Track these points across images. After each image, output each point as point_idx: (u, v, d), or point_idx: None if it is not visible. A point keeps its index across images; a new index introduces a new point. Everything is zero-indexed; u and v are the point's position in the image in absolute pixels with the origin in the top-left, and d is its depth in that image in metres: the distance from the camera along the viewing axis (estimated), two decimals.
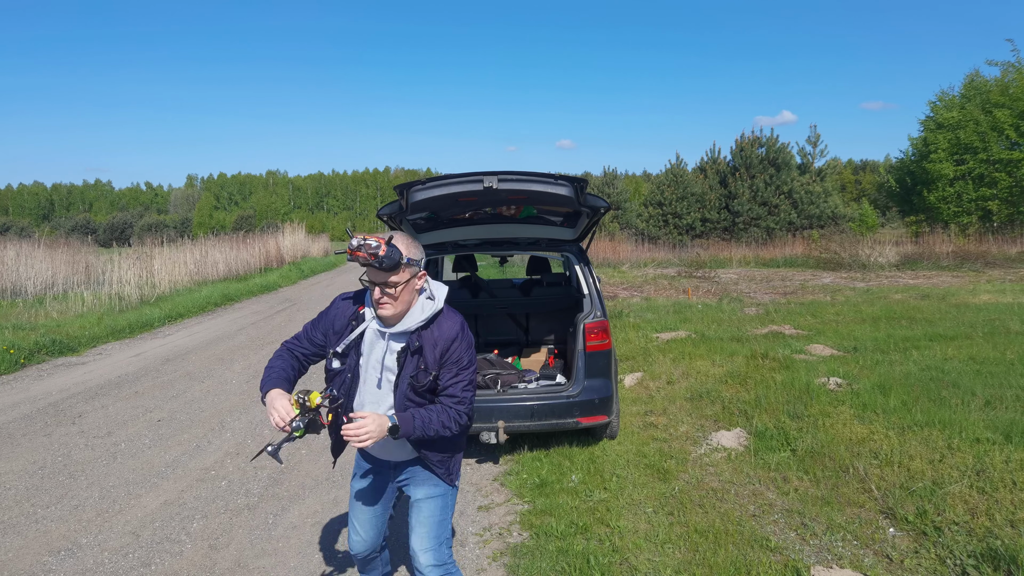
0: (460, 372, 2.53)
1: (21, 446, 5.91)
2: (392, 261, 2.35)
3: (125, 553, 4.01)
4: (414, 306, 2.54)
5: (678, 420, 6.10)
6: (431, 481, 2.73)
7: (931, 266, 21.13)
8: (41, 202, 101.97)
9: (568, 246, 5.85)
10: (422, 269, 2.53)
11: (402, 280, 2.44)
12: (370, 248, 2.33)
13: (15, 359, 9.13)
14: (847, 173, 69.61)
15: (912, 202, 30.67)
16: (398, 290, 2.44)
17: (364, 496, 2.82)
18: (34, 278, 16.60)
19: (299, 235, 32.36)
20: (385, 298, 2.45)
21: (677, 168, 34.10)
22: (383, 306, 2.47)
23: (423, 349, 2.51)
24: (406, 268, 2.43)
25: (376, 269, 2.39)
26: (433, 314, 2.54)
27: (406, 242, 2.46)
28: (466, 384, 2.55)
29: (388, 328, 2.54)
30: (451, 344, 2.51)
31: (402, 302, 2.48)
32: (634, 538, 3.95)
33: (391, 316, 2.50)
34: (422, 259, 2.53)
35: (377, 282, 2.43)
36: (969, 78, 28.86)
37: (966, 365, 7.28)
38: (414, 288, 2.52)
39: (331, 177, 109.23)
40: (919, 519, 3.94)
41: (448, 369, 2.52)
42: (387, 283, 2.42)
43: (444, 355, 2.52)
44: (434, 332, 2.53)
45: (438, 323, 2.55)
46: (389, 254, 2.34)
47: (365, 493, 2.82)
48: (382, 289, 2.44)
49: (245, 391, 7.72)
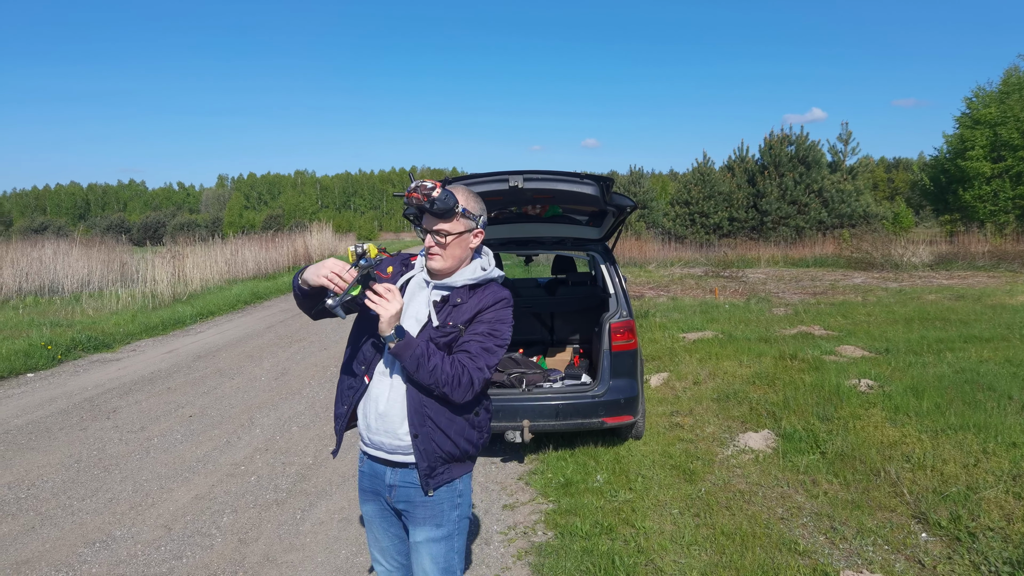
0: (485, 336, 2.32)
1: (58, 440, 6.06)
2: (445, 205, 2.23)
3: (157, 546, 4.09)
4: (466, 266, 2.40)
5: (704, 421, 6.05)
6: (432, 519, 2.38)
7: (966, 266, 20.63)
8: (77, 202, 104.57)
9: (594, 245, 5.83)
10: (479, 227, 2.38)
11: (454, 230, 2.30)
12: (425, 189, 2.23)
13: (52, 355, 9.37)
14: (879, 171, 68.29)
15: (947, 201, 29.97)
16: (449, 240, 2.31)
17: (373, 523, 2.53)
18: (71, 276, 17.02)
19: (326, 234, 32.68)
20: (435, 247, 2.33)
21: (704, 167, 33.74)
22: (432, 256, 2.34)
23: (461, 306, 2.35)
24: (460, 218, 2.30)
25: (429, 214, 2.28)
26: (483, 279, 2.39)
27: (465, 194, 2.35)
28: (486, 347, 2.30)
29: (434, 280, 2.41)
30: (490, 307, 2.35)
31: (452, 256, 2.34)
32: (660, 539, 3.93)
33: (440, 269, 2.36)
34: (480, 215, 2.37)
35: (430, 229, 2.32)
36: (1008, 73, 28.10)
37: (1002, 368, 7.11)
38: (468, 245, 2.37)
39: (358, 176, 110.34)
40: (952, 524, 3.86)
41: (475, 326, 2.33)
42: (439, 231, 2.30)
43: (478, 315, 2.34)
44: (478, 294, 2.38)
45: (484, 288, 2.39)
46: (443, 197, 2.22)
47: (373, 519, 2.52)
48: (433, 236, 2.32)
49: (274, 388, 7.83)
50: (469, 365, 2.26)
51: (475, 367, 2.26)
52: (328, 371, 8.63)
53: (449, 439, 2.32)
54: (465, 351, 2.29)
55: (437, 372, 2.20)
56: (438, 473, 2.34)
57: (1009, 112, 26.78)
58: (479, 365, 2.27)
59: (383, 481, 2.42)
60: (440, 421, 2.30)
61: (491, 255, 2.48)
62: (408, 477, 2.37)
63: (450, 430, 2.32)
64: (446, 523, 2.39)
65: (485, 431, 2.47)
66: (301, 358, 9.51)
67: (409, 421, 2.29)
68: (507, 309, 2.38)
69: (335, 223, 41.71)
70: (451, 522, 2.40)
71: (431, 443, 2.30)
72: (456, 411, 2.33)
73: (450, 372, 2.22)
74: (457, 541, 2.43)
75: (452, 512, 2.40)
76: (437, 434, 2.31)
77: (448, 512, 2.39)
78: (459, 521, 2.43)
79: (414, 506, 2.38)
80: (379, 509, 2.48)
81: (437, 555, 2.39)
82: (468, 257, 2.40)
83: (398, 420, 2.32)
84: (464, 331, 2.32)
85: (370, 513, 2.52)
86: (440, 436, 2.31)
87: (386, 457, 2.39)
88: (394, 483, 2.39)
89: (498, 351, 2.33)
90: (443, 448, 2.32)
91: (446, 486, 2.38)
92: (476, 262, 2.42)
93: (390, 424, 2.33)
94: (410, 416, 2.29)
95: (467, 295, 2.37)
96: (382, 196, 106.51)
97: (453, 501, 2.40)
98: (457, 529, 2.43)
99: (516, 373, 5.58)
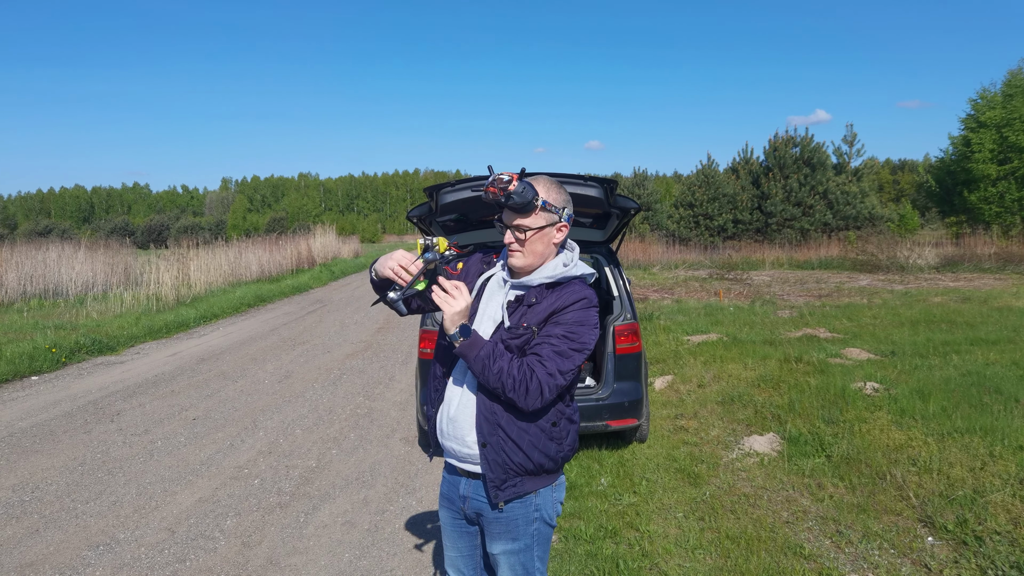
0: (560, 339, 2.12)
1: (62, 443, 6.07)
2: (523, 199, 2.09)
3: (161, 549, 4.09)
4: (548, 262, 2.24)
5: (709, 424, 6.03)
6: (507, 534, 2.23)
7: (972, 268, 20.56)
8: (82, 205, 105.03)
9: (598, 248, 5.82)
10: (563, 220, 2.22)
11: (534, 225, 2.16)
12: (501, 183, 2.09)
13: (57, 358, 9.40)
14: (885, 173, 68.21)
15: (953, 203, 29.88)
16: (529, 235, 2.17)
17: (446, 530, 2.41)
18: (75, 279, 17.09)
19: (330, 237, 32.74)
20: (515, 243, 2.19)
21: (708, 169, 33.69)
22: (513, 253, 2.21)
23: (536, 306, 2.19)
24: (541, 212, 2.16)
25: (507, 208, 2.16)
26: (564, 277, 2.22)
27: (546, 185, 2.21)
28: (559, 351, 2.10)
29: (514, 279, 2.27)
30: (568, 306, 2.17)
31: (532, 253, 2.19)
32: (664, 543, 3.90)
33: (521, 267, 2.22)
34: (564, 208, 2.22)
35: (509, 224, 2.19)
36: (1011, 75, 28.02)
37: (1009, 370, 7.07)
38: (551, 240, 2.22)
39: (361, 179, 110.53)
40: (959, 528, 3.83)
41: (549, 327, 2.15)
42: (518, 226, 2.17)
43: (553, 315, 2.16)
44: (556, 292, 2.21)
45: (565, 287, 2.21)
46: (520, 190, 2.09)
47: (445, 526, 2.41)
48: (512, 232, 2.19)
49: (277, 391, 7.83)
50: (538, 370, 2.08)
51: (545, 372, 2.08)
52: (331, 374, 8.63)
53: (521, 450, 2.15)
54: (536, 354, 2.12)
55: (503, 375, 2.05)
56: (508, 486, 2.18)
57: (1015, 113, 26.70)
58: (550, 370, 2.08)
59: (457, 490, 2.31)
60: (511, 431, 2.14)
61: (576, 250, 2.32)
62: (480, 490, 2.24)
63: (522, 441, 2.15)
64: (522, 536, 2.24)
65: (567, 444, 2.26)
66: (305, 361, 9.51)
67: (477, 429, 2.16)
68: (588, 310, 2.18)
69: (339, 226, 41.81)
70: (528, 536, 2.24)
71: (501, 453, 2.15)
72: (528, 419, 2.15)
73: (517, 376, 2.06)
74: (538, 549, 2.28)
75: (528, 527, 2.24)
76: (508, 444, 2.14)
77: (524, 527, 2.23)
78: (537, 533, 2.26)
79: (487, 521, 2.25)
80: (452, 517, 2.37)
81: (515, 565, 2.26)
82: (552, 253, 2.25)
83: (467, 427, 2.19)
84: (537, 333, 2.16)
85: (443, 519, 2.41)
86: (511, 447, 2.14)
87: (459, 465, 2.28)
88: (467, 494, 2.28)
89: (574, 355, 2.13)
90: (513, 460, 2.15)
91: (519, 500, 2.21)
92: (559, 258, 2.26)
93: (459, 430, 2.21)
94: (478, 423, 2.16)
95: (544, 294, 2.21)
96: (386, 199, 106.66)
97: (528, 516, 2.23)
98: (536, 540, 2.27)
99: None
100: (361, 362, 9.34)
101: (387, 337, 11.29)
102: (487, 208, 5.24)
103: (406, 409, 6.98)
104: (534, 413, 2.14)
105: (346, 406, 7.16)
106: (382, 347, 10.41)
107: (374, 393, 7.67)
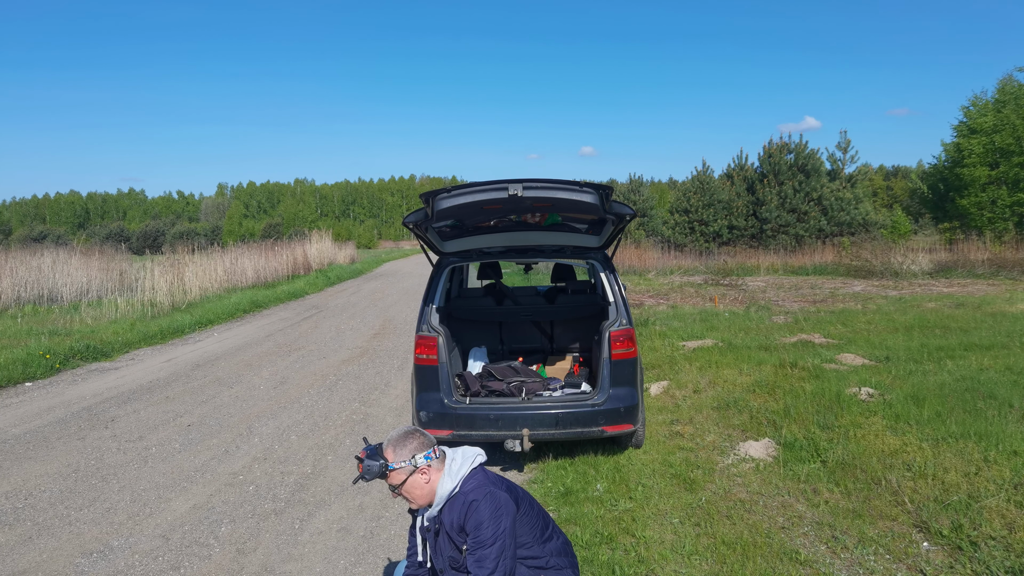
0: (471, 552, 2.53)
1: (56, 449, 6.04)
2: (373, 475, 2.54)
3: (155, 556, 4.07)
4: (436, 491, 2.63)
5: (705, 430, 6.03)
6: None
7: (966, 274, 20.63)
8: (77, 211, 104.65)
9: (593, 253, 5.83)
10: (418, 465, 2.58)
11: (398, 482, 2.58)
12: (360, 469, 2.55)
13: (51, 364, 9.36)
14: (878, 179, 68.50)
15: (945, 208, 30.07)
16: (401, 489, 2.60)
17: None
18: (69, 285, 17.03)
19: (326, 243, 32.68)
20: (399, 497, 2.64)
21: (703, 175, 33.81)
22: (408, 501, 2.67)
23: (442, 531, 2.62)
24: (393, 473, 2.57)
25: None
26: (450, 495, 2.62)
27: (392, 446, 2.59)
28: (477, 560, 2.50)
29: (428, 515, 2.70)
30: (465, 519, 2.57)
31: (415, 496, 2.62)
32: (660, 549, 3.90)
33: (419, 507, 2.69)
34: (413, 456, 2.58)
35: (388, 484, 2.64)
36: (1002, 83, 28.26)
37: (1003, 375, 7.09)
38: (423, 483, 2.60)
39: (357, 185, 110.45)
40: (954, 533, 3.84)
41: (470, 551, 2.56)
42: (391, 486, 2.61)
43: (463, 536, 2.57)
44: (448, 516, 2.62)
45: (450, 506, 2.62)
46: (367, 469, 2.53)
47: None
48: (391, 489, 2.63)
49: (273, 397, 7.81)
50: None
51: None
52: (327, 380, 8.61)
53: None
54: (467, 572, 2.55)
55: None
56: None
57: (1005, 120, 26.91)
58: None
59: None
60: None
61: (459, 461, 2.65)
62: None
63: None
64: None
65: None
66: (300, 367, 9.49)
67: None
68: (479, 511, 2.53)
69: (334, 231, 41.66)
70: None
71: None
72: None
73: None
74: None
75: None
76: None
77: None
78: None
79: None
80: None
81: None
82: (434, 485, 2.62)
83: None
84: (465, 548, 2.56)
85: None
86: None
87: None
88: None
89: (489, 554, 2.49)
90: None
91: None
92: (442, 484, 2.62)
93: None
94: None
95: (447, 513, 2.62)
96: (381, 205, 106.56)
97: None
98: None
99: (516, 382, 5.57)
100: (357, 368, 9.32)
101: (383, 343, 11.28)
102: (483, 214, 5.26)
103: (402, 415, 6.97)
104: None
105: (342, 412, 7.15)
106: (378, 353, 10.39)
107: (370, 399, 7.65)
